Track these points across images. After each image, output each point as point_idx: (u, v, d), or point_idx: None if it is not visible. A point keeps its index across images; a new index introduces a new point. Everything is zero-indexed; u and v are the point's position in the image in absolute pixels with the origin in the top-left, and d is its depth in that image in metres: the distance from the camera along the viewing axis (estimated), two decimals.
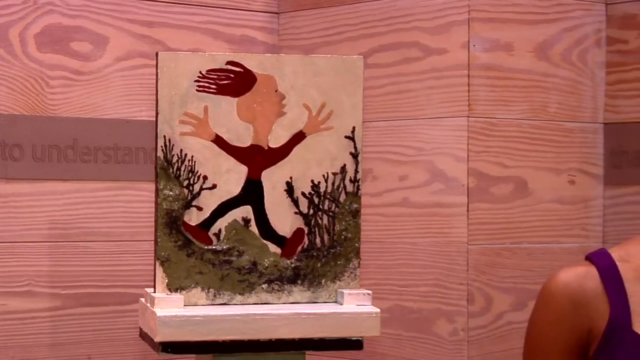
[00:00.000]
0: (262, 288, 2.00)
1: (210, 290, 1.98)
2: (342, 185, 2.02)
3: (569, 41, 2.73)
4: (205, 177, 1.98)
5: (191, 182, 1.97)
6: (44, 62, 2.64)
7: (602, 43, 2.78)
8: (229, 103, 1.98)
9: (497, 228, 2.64)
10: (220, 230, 1.99)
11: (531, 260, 2.67)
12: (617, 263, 1.79)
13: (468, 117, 2.61)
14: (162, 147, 1.96)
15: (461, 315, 2.60)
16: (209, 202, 1.98)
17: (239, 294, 1.99)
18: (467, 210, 2.60)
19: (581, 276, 1.80)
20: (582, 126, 2.75)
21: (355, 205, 2.02)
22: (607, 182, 2.77)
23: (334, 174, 2.02)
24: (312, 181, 2.01)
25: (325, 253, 2.02)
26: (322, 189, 2.01)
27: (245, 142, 1.99)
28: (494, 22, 2.63)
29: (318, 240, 2.02)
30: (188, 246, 1.98)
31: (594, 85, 2.77)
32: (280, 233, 2.01)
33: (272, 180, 2.00)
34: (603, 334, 1.76)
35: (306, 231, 2.01)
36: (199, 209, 1.98)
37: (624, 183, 2.75)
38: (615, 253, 1.81)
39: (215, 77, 1.98)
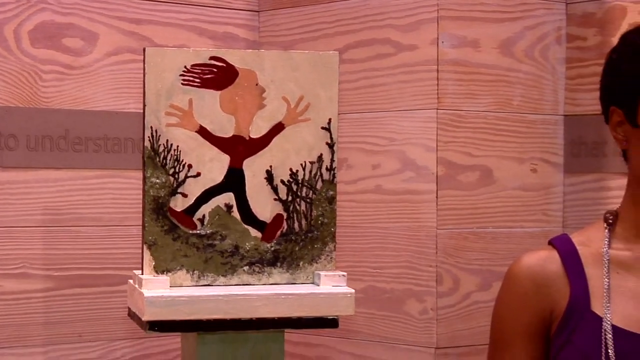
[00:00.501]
0: (244, 270, 1.99)
1: (195, 272, 1.97)
2: (318, 174, 2.01)
3: (531, 38, 2.73)
4: (190, 166, 1.97)
5: (177, 170, 1.96)
6: (38, 57, 2.62)
7: (563, 40, 2.78)
8: (212, 96, 1.97)
9: (464, 213, 2.64)
10: (204, 216, 1.98)
11: (496, 243, 2.67)
12: (578, 247, 1.79)
13: (437, 109, 2.60)
14: (149, 137, 1.94)
15: (430, 295, 2.60)
16: (194, 189, 1.97)
17: (222, 275, 1.98)
18: (436, 197, 2.60)
19: (543, 259, 1.80)
20: (544, 118, 2.75)
21: (331, 192, 2.02)
22: (567, 170, 2.78)
23: (311, 162, 2.01)
24: (291, 169, 2.00)
25: (303, 237, 2.01)
26: (300, 177, 2.01)
27: (227, 132, 1.98)
28: (461, 20, 2.63)
29: (296, 225, 2.01)
30: (174, 231, 1.97)
31: (555, 80, 2.77)
32: (261, 218, 2.00)
33: (253, 168, 1.99)
34: (564, 314, 1.76)
35: (285, 216, 2.01)
36: (184, 195, 1.97)
37: (583, 171, 2.75)
38: (576, 238, 1.82)
39: (199, 71, 1.96)
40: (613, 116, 1.78)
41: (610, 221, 1.80)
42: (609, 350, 1.70)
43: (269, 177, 2.00)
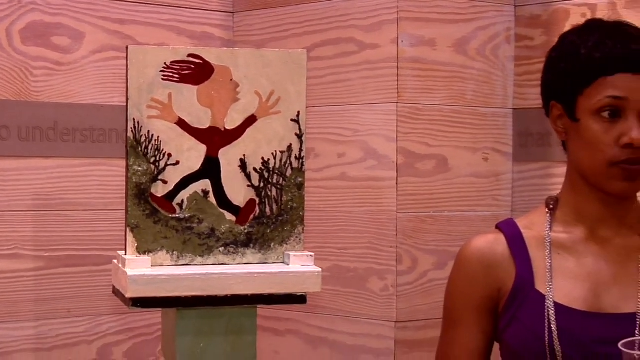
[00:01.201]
0: (219, 251, 1.99)
1: (174, 252, 1.97)
2: (288, 162, 2.01)
3: (483, 38, 2.74)
4: (169, 155, 1.96)
5: (157, 159, 1.96)
6: (28, 54, 2.61)
7: (512, 40, 2.79)
8: (190, 90, 1.96)
9: (422, 199, 2.65)
10: (182, 201, 1.98)
11: (451, 226, 2.69)
12: (522, 231, 1.80)
13: (397, 103, 2.61)
14: (131, 128, 1.94)
15: (391, 273, 2.61)
16: (173, 176, 1.97)
17: (199, 256, 1.98)
18: (396, 184, 2.61)
19: (491, 242, 1.81)
20: (494, 111, 2.77)
21: (300, 179, 2.02)
22: (516, 159, 2.79)
23: (282, 152, 2.01)
24: (263, 158, 2.00)
25: (274, 220, 2.01)
26: (271, 165, 2.01)
27: (204, 124, 1.98)
28: (419, 21, 2.64)
29: (268, 209, 2.01)
30: (155, 215, 1.96)
31: (505, 76, 2.78)
32: (235, 203, 2.00)
33: (228, 157, 1.99)
34: (510, 292, 1.77)
35: (257, 201, 2.01)
36: (164, 182, 1.97)
37: (530, 160, 2.77)
38: (521, 222, 1.83)
39: (178, 67, 1.96)
40: (553, 110, 1.79)
41: (552, 206, 1.81)
42: (552, 325, 1.72)
43: (243, 165, 2.00)
